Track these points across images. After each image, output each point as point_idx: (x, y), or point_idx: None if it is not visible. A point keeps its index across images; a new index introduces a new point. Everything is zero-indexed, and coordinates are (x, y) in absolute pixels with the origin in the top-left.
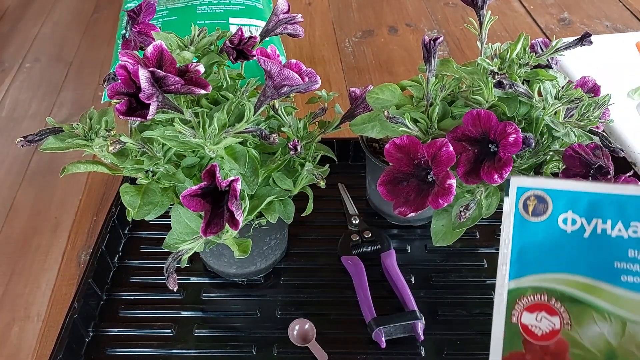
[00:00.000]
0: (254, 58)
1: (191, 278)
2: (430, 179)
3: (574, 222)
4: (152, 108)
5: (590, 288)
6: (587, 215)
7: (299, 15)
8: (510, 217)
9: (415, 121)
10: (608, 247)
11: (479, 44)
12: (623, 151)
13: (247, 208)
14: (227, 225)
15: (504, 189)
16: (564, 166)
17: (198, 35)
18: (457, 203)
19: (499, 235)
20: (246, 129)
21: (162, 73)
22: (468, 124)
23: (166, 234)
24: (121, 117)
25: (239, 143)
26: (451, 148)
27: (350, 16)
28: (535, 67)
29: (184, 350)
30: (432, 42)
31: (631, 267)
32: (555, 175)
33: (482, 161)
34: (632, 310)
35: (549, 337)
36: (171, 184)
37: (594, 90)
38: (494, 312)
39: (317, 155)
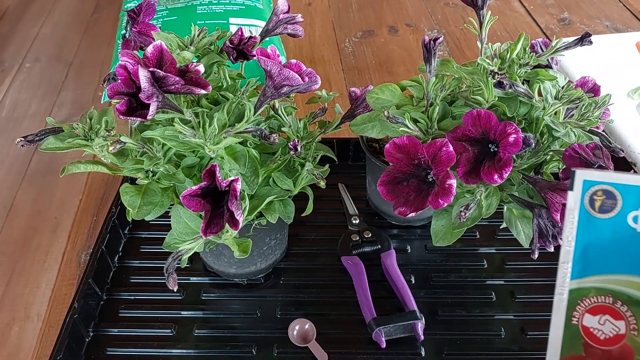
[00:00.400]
0: (254, 58)
1: (191, 278)
2: (431, 179)
3: None
4: (152, 108)
5: None
6: None
7: (299, 15)
8: (574, 213)
9: (415, 121)
10: None
11: (479, 44)
12: (623, 151)
13: (247, 208)
14: (227, 225)
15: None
16: (564, 166)
17: (198, 35)
18: (457, 203)
19: (499, 236)
20: (246, 129)
21: (162, 73)
22: (468, 124)
23: (166, 234)
24: (121, 117)
25: (239, 143)
26: (451, 148)
27: (350, 16)
28: (535, 67)
29: (184, 350)
30: (432, 42)
31: None
32: (555, 175)
33: (482, 161)
34: None
35: (613, 342)
36: (171, 184)
37: (594, 90)
38: (553, 311)
39: (317, 155)
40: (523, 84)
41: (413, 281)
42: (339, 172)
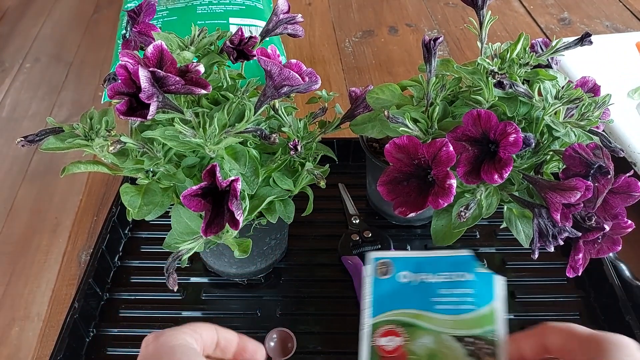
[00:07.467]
0: (254, 58)
1: (191, 278)
2: (431, 179)
3: (406, 276)
4: (153, 108)
5: (418, 316)
6: (415, 270)
7: (299, 15)
8: (370, 278)
9: (415, 121)
10: (427, 289)
11: (479, 43)
12: (623, 151)
13: (248, 208)
14: (227, 225)
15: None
16: (564, 166)
17: (198, 35)
18: (458, 203)
19: (499, 235)
20: (246, 129)
21: (162, 73)
22: (468, 124)
23: (166, 234)
24: (121, 117)
25: (239, 143)
26: (451, 148)
27: (350, 16)
28: (535, 67)
29: None
30: (432, 41)
31: (441, 300)
32: (555, 175)
33: (482, 161)
34: (442, 326)
35: (395, 351)
36: (171, 184)
37: (594, 90)
38: (360, 339)
39: (318, 155)
40: (523, 83)
41: None
42: (339, 172)
